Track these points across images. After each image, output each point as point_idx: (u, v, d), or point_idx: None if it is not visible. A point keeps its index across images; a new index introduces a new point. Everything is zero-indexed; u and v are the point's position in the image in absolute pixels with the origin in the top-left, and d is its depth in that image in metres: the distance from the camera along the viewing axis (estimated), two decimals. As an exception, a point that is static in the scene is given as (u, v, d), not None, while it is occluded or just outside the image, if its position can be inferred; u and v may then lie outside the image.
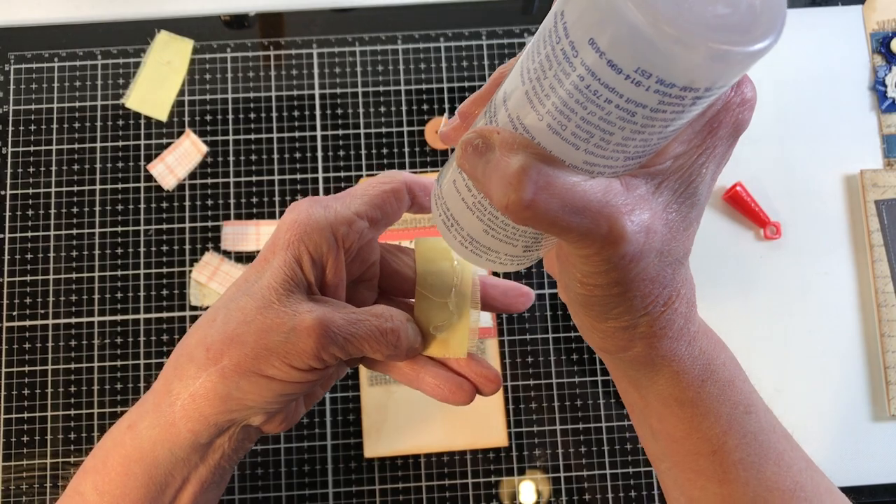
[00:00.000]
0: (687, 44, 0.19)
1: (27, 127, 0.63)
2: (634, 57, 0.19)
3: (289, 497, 0.58)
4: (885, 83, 0.65)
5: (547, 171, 0.22)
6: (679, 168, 0.24)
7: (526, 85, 0.22)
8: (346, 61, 0.65)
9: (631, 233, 0.23)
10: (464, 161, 0.23)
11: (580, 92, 0.21)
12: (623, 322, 0.27)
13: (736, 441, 0.29)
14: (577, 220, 0.22)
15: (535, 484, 0.59)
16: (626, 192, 0.23)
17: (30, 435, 0.58)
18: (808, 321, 0.62)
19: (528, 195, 0.21)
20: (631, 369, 0.30)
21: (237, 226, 0.62)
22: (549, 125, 0.22)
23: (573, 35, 0.20)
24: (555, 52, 0.21)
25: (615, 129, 0.21)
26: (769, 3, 0.20)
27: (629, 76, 0.20)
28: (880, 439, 0.60)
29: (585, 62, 0.20)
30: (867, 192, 0.62)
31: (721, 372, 0.29)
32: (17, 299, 0.60)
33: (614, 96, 0.20)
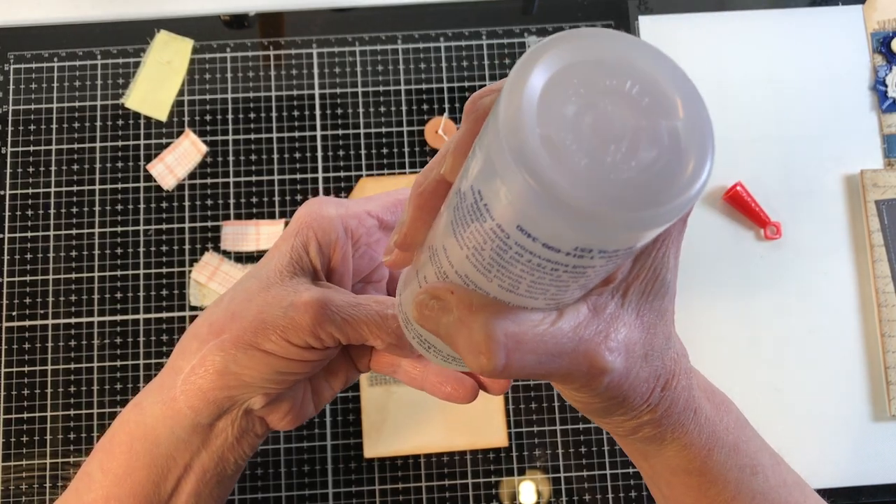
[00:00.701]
0: (622, 224, 0.17)
1: (27, 127, 0.63)
2: (569, 240, 0.18)
3: (289, 497, 0.58)
4: (885, 83, 0.64)
5: (513, 330, 0.21)
6: (641, 270, 0.23)
7: (465, 250, 0.21)
8: (346, 61, 0.65)
9: (611, 361, 0.22)
10: (423, 322, 0.23)
11: (523, 265, 0.20)
12: (627, 417, 0.27)
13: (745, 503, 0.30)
14: (556, 364, 0.22)
15: (535, 484, 0.59)
16: (596, 317, 0.22)
17: (30, 435, 0.58)
18: (808, 321, 0.61)
19: (500, 361, 0.21)
20: (640, 444, 0.30)
21: (237, 226, 0.62)
22: (501, 286, 0.21)
23: (497, 218, 0.19)
24: (484, 228, 0.20)
25: (569, 283, 0.20)
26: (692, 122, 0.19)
27: (570, 253, 0.19)
28: (880, 439, 0.60)
29: (519, 243, 0.19)
30: (867, 192, 0.62)
31: (725, 437, 0.29)
32: (17, 299, 0.60)
33: (560, 266, 0.19)
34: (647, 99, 0.18)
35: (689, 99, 0.19)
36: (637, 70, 0.19)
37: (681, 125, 0.18)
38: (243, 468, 0.35)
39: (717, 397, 0.30)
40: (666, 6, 0.66)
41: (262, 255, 0.61)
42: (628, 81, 0.19)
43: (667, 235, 0.23)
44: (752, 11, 0.66)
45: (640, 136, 0.18)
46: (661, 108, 0.18)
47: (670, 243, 0.23)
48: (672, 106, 0.19)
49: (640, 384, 0.25)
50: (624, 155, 0.18)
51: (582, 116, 0.18)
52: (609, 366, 0.22)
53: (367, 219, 0.34)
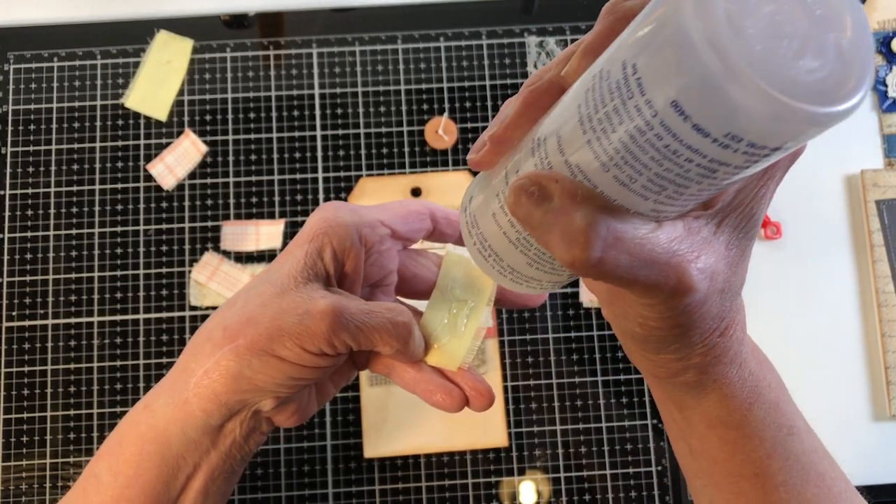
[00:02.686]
0: (785, 114, 0.17)
1: (27, 127, 0.63)
2: (726, 122, 0.18)
3: (289, 497, 0.58)
4: (885, 83, 0.64)
5: (615, 225, 0.20)
6: (740, 203, 0.23)
7: (588, 134, 0.20)
8: (346, 61, 0.65)
9: (698, 282, 0.22)
10: (517, 209, 0.22)
11: (657, 150, 0.19)
12: (680, 354, 0.26)
13: (779, 464, 0.29)
14: (646, 273, 0.21)
15: (535, 484, 0.59)
16: (690, 236, 0.22)
17: (30, 435, 0.58)
18: (808, 321, 0.61)
19: (595, 253, 0.20)
20: (678, 391, 0.29)
21: (237, 226, 0.62)
22: (617, 177, 0.20)
23: (650, 93, 0.18)
24: (626, 106, 0.19)
25: (691, 184, 0.20)
26: (856, 43, 0.19)
27: (717, 140, 0.18)
28: (880, 439, 0.60)
29: (666, 123, 0.18)
30: (868, 191, 0.62)
31: (767, 394, 0.29)
32: (17, 299, 0.60)
33: (696, 156, 0.19)
34: (820, 10, 0.19)
35: (858, 20, 0.19)
36: None
37: (846, 42, 0.19)
38: (248, 462, 0.35)
39: (761, 355, 0.30)
40: (666, 6, 0.66)
41: (262, 255, 0.61)
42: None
43: (771, 175, 0.23)
44: (753, 11, 0.66)
45: (810, 42, 0.18)
46: (832, 21, 0.19)
47: (772, 182, 0.23)
48: (842, 22, 0.19)
49: (709, 319, 0.24)
50: (794, 54, 0.18)
51: (762, 5, 0.18)
52: (696, 285, 0.22)
53: (381, 227, 0.34)
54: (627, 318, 0.26)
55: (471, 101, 0.64)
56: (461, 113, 0.64)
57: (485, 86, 0.64)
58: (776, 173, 0.23)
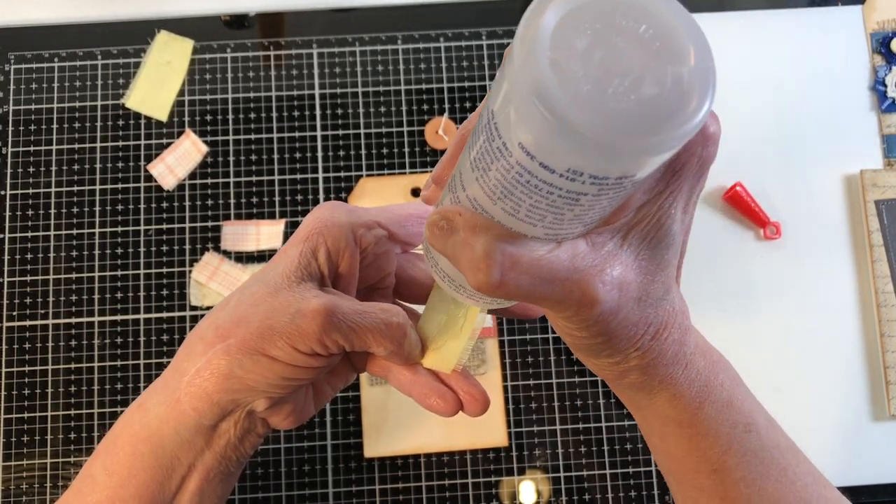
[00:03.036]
0: (613, 148, 0.18)
1: (27, 127, 0.63)
2: (563, 160, 0.19)
3: (289, 497, 0.58)
4: (885, 83, 0.65)
5: (510, 250, 0.22)
6: (644, 217, 0.24)
7: (476, 172, 0.23)
8: (346, 61, 0.65)
9: (603, 293, 0.23)
10: (432, 241, 0.24)
11: (522, 185, 0.21)
12: (615, 359, 0.27)
13: (736, 460, 0.30)
14: (549, 289, 0.23)
15: (535, 484, 0.59)
16: (593, 251, 0.23)
17: (30, 435, 0.58)
18: (808, 321, 0.62)
19: (495, 276, 0.22)
20: (629, 391, 0.30)
21: (237, 226, 0.62)
22: (504, 209, 0.22)
23: (504, 136, 0.20)
24: (492, 147, 0.21)
25: (565, 210, 0.21)
26: (697, 69, 0.20)
27: (563, 175, 0.20)
28: (880, 439, 0.60)
29: (520, 162, 0.20)
30: (867, 192, 0.62)
31: (719, 392, 0.30)
32: (17, 299, 0.60)
33: (554, 188, 0.20)
34: (658, 43, 0.20)
35: (699, 48, 0.20)
36: (652, 15, 0.20)
37: (686, 72, 0.19)
38: (245, 465, 0.35)
39: (714, 356, 0.31)
40: (666, 6, 0.66)
41: (263, 255, 0.61)
42: (643, 25, 0.20)
43: (675, 188, 0.24)
44: (752, 11, 0.66)
45: (646, 75, 0.19)
46: (671, 53, 0.20)
47: (678, 196, 0.24)
48: (681, 53, 0.20)
49: (630, 326, 0.25)
50: (626, 88, 0.19)
51: (593, 49, 0.19)
52: (600, 297, 0.23)
53: (377, 229, 0.34)
54: (560, 332, 0.27)
55: (471, 101, 0.64)
56: (461, 113, 0.64)
57: (485, 86, 0.64)
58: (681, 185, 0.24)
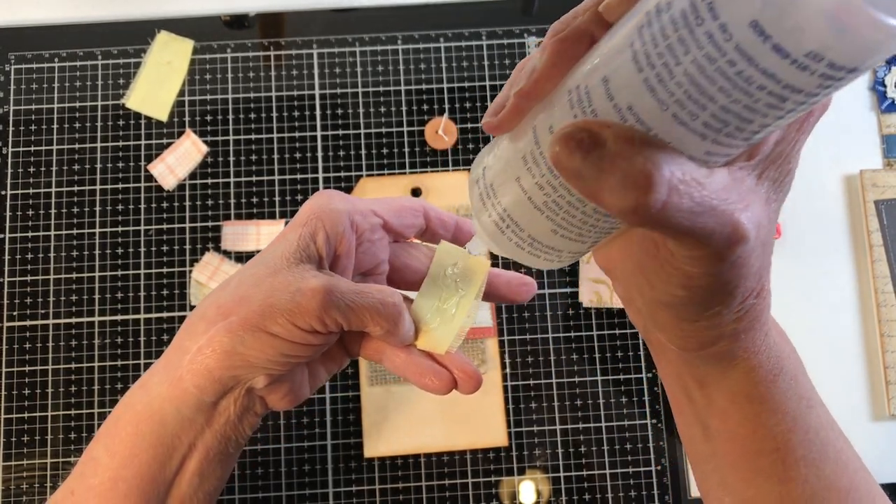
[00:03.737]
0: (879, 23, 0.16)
1: (27, 127, 0.63)
2: (810, 40, 0.17)
3: (289, 497, 0.58)
4: (884, 83, 0.65)
5: (678, 167, 0.19)
6: (779, 154, 0.23)
7: (646, 72, 0.19)
8: (346, 61, 0.65)
9: (750, 231, 0.21)
10: (563, 160, 0.20)
11: (727, 79, 0.18)
12: (716, 321, 0.25)
13: (799, 438, 0.29)
14: (703, 220, 0.20)
15: (535, 484, 0.59)
16: (736, 185, 0.21)
17: (30, 435, 0.58)
18: (808, 321, 0.62)
19: (661, 196, 0.19)
20: (704, 365, 0.28)
21: (237, 226, 0.62)
22: (676, 115, 0.19)
23: (724, 16, 0.17)
24: (694, 35, 0.18)
25: (756, 117, 0.19)
26: None
27: (796, 60, 0.17)
28: (880, 439, 0.60)
29: (741, 46, 0.17)
30: (867, 192, 0.62)
31: (788, 364, 0.29)
32: (17, 299, 0.60)
33: (770, 82, 0.18)
34: None
35: None
36: None
37: None
38: (243, 447, 0.36)
39: (778, 325, 0.30)
40: (665, 7, 0.66)
41: (263, 255, 0.61)
42: None
43: (807, 126, 0.23)
44: (752, 12, 0.66)
45: None
46: None
47: (804, 137, 0.23)
48: None
49: (752, 275, 0.23)
50: None
51: None
52: (749, 234, 0.21)
53: (373, 217, 0.35)
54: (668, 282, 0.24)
55: (471, 102, 0.64)
56: (461, 113, 0.64)
57: (485, 86, 0.64)
58: (810, 125, 0.23)
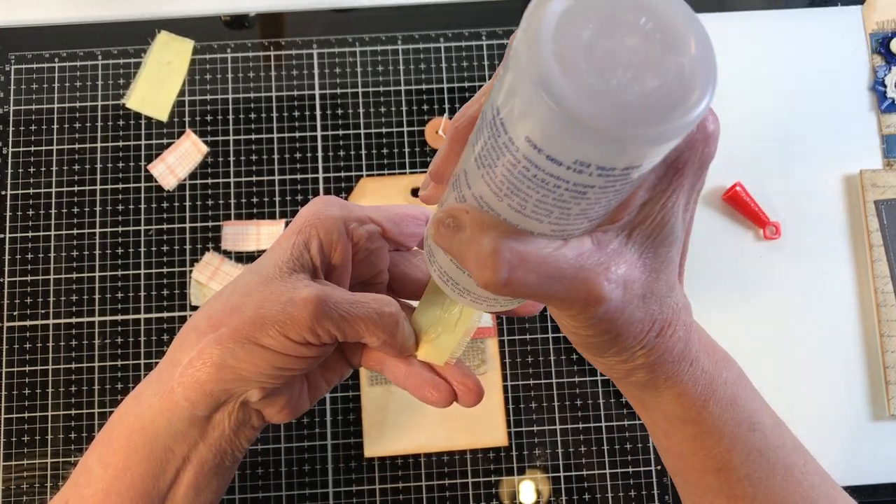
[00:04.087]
0: (620, 138, 0.19)
1: (27, 127, 0.63)
2: (570, 151, 0.19)
3: (289, 497, 0.58)
4: (884, 83, 0.65)
5: (518, 247, 0.22)
6: (647, 215, 0.24)
7: (481, 169, 0.23)
8: (346, 61, 0.65)
9: (608, 291, 0.23)
10: (438, 239, 0.24)
11: (529, 179, 0.21)
12: (622, 357, 0.27)
13: (741, 458, 0.30)
14: (556, 287, 0.23)
15: (535, 484, 0.59)
16: (599, 249, 0.23)
17: (30, 435, 0.58)
18: (808, 321, 0.62)
19: (503, 274, 0.22)
20: (636, 390, 0.30)
21: (237, 226, 0.62)
22: (510, 205, 0.22)
23: (510, 131, 0.20)
24: (497, 143, 0.21)
25: (571, 205, 0.22)
26: (698, 59, 0.20)
27: (570, 167, 0.20)
28: (880, 439, 0.60)
29: (527, 156, 0.20)
30: (867, 192, 0.62)
31: (723, 391, 0.30)
32: (18, 299, 0.60)
33: (561, 182, 0.20)
34: (660, 35, 0.20)
35: (699, 39, 0.20)
36: (653, 8, 0.20)
37: (687, 62, 0.20)
38: (241, 459, 0.35)
39: (718, 354, 0.31)
40: (665, 7, 0.66)
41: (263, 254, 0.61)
42: (643, 17, 0.20)
43: (677, 185, 0.24)
44: (752, 11, 0.66)
45: (648, 66, 0.19)
46: (672, 44, 0.20)
47: (680, 193, 0.24)
48: (682, 44, 0.20)
49: (635, 323, 0.25)
50: (630, 80, 0.19)
51: (595, 42, 0.19)
52: (606, 295, 0.23)
53: (370, 224, 0.34)
54: (565, 330, 0.27)
55: (471, 102, 0.64)
56: (461, 113, 0.64)
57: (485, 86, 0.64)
58: (683, 182, 0.24)
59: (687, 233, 0.27)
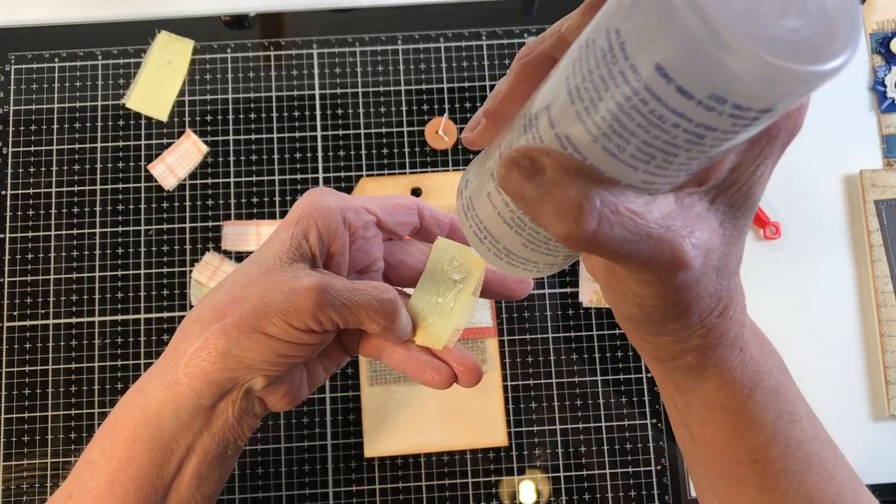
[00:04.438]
0: (768, 73, 0.17)
1: (27, 127, 0.63)
2: (708, 83, 0.18)
3: (289, 497, 0.58)
4: (884, 83, 0.65)
5: (609, 198, 0.20)
6: (735, 181, 0.23)
7: (577, 104, 0.20)
8: (346, 61, 0.65)
9: (692, 257, 0.22)
10: (508, 183, 0.22)
11: (643, 116, 0.19)
12: (679, 336, 0.26)
13: (779, 451, 0.29)
14: (639, 247, 0.21)
15: (535, 484, 0.59)
16: (683, 211, 0.22)
17: (30, 435, 0.58)
18: (808, 321, 0.62)
19: (591, 226, 0.20)
20: (678, 374, 0.29)
21: (237, 226, 0.62)
22: (606, 147, 0.20)
23: (634, 57, 0.18)
24: (612, 73, 0.19)
25: (680, 151, 0.20)
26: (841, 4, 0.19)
27: (702, 102, 0.18)
28: (880, 439, 0.60)
29: (650, 87, 0.18)
30: (867, 192, 0.62)
31: (768, 380, 0.29)
32: (18, 299, 0.60)
33: (683, 121, 0.19)
34: None
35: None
36: None
37: (830, 6, 0.18)
38: (242, 448, 0.36)
39: (763, 340, 0.30)
40: (665, 7, 0.66)
41: (263, 255, 0.61)
42: None
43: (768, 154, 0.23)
44: (752, 12, 0.66)
45: (793, 1, 0.18)
46: None
47: (768, 164, 0.23)
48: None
49: (705, 298, 0.24)
50: (776, 13, 0.18)
51: None
52: (690, 261, 0.22)
53: (366, 214, 0.35)
54: (626, 299, 0.25)
55: (471, 102, 0.64)
56: (461, 113, 0.64)
57: (485, 86, 0.64)
58: (773, 151, 0.23)
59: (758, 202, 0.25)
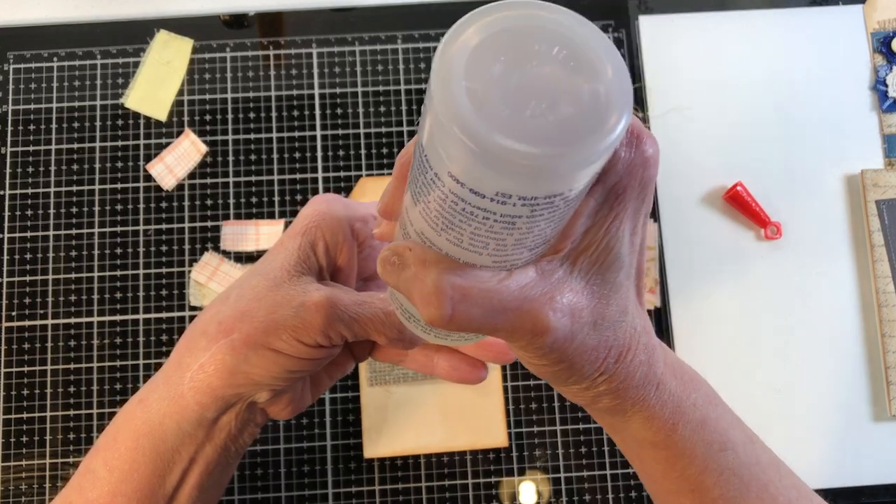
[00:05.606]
0: (538, 168, 0.19)
1: (27, 127, 0.63)
2: (490, 184, 0.19)
3: (289, 497, 0.58)
4: (885, 83, 0.64)
5: (459, 282, 0.22)
6: (591, 242, 0.24)
7: (419, 205, 0.23)
8: (346, 61, 0.65)
9: (555, 321, 0.23)
10: (385, 277, 0.24)
11: (459, 213, 0.21)
12: (583, 385, 0.27)
13: (713, 479, 0.30)
14: (501, 320, 0.23)
15: (535, 484, 0.59)
16: (543, 279, 0.23)
17: (30, 435, 0.58)
18: (809, 321, 0.61)
19: (447, 310, 0.22)
20: (606, 416, 0.30)
21: (237, 226, 0.62)
22: (448, 240, 0.22)
23: (434, 167, 0.20)
24: (426, 179, 0.21)
25: (505, 235, 0.21)
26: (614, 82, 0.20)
27: (493, 199, 0.20)
28: (880, 439, 0.60)
29: (452, 190, 0.20)
30: (868, 191, 0.62)
31: (692, 413, 0.30)
32: (17, 299, 0.60)
33: (489, 213, 0.20)
34: (573, 63, 0.20)
35: (613, 65, 0.20)
36: (565, 37, 0.20)
37: (602, 89, 0.20)
38: (242, 455, 0.35)
39: (686, 374, 0.30)
40: (666, 6, 0.66)
41: (262, 254, 0.61)
42: (556, 47, 0.20)
43: (619, 211, 0.24)
44: (752, 11, 0.66)
45: (563, 95, 0.19)
46: (586, 71, 0.20)
47: (624, 218, 0.24)
48: (597, 70, 0.20)
49: (589, 351, 0.25)
50: (544, 109, 0.19)
51: (508, 74, 0.19)
52: (552, 325, 0.23)
53: (373, 221, 0.35)
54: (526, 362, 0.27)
55: (471, 101, 0.64)
56: (461, 113, 0.64)
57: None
58: (625, 207, 0.24)
59: (640, 255, 0.26)
